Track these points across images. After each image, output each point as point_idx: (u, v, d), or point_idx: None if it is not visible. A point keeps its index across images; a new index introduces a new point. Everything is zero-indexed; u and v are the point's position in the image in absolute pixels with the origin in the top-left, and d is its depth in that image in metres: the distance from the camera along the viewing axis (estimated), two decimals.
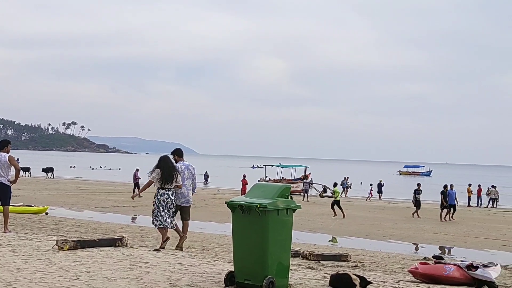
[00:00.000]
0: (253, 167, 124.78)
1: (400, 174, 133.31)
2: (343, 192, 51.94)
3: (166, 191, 12.20)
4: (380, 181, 53.09)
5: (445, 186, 31.57)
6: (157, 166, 12.24)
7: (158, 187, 12.23)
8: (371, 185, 51.89)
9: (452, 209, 30.59)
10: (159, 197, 12.21)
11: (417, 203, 32.14)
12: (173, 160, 12.71)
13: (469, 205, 43.12)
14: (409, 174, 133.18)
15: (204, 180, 69.04)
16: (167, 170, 12.18)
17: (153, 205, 12.36)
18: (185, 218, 13.07)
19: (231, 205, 7.97)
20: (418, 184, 33.50)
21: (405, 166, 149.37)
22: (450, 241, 23.01)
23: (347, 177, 54.41)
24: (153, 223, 12.51)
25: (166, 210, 12.27)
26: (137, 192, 13.67)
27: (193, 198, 13.36)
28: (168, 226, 12.40)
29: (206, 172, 72.40)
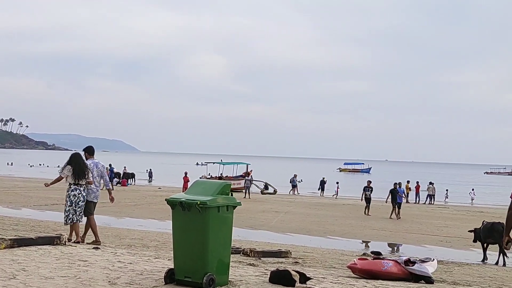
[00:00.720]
0: (197, 164, 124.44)
1: (340, 171, 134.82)
2: (292, 190, 52.31)
3: (78, 187, 12.44)
4: (323, 178, 53.66)
5: (395, 184, 32.02)
6: (68, 163, 12.48)
7: (70, 183, 12.46)
8: (337, 183, 52.34)
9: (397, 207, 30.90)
10: (70, 192, 12.44)
11: (367, 200, 32.32)
12: (84, 158, 12.98)
13: (407, 201, 43.95)
14: (349, 171, 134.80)
15: (148, 178, 68.64)
16: (78, 166, 12.44)
17: (66, 201, 12.57)
18: (90, 213, 13.15)
19: (171, 202, 7.93)
20: (368, 181, 33.64)
21: (345, 163, 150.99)
22: (389, 237, 23.41)
23: (296, 175, 54.68)
24: (65, 220, 12.63)
25: (77, 206, 12.49)
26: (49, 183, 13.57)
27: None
28: (80, 220, 12.71)
29: (150, 169, 71.98)
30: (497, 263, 17.75)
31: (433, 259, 12.60)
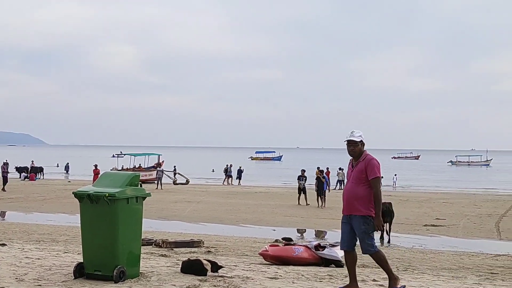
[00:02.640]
0: (113, 156, 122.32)
1: (252, 159, 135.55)
2: (226, 180, 52.31)
3: None
4: (240, 167, 53.88)
5: (321, 172, 32.26)
6: None
7: None
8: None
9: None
10: None
11: (302, 189, 31.22)
12: None
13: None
14: (260, 160, 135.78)
15: (64, 171, 67.30)
16: None
17: None
18: None
19: (79, 195, 7.79)
20: (303, 171, 32.94)
21: (257, 152, 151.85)
22: (300, 223, 23.75)
23: (231, 165, 54.56)
24: None
25: None
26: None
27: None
28: None
29: (68, 163, 70.54)
30: (386, 241, 19.13)
31: None
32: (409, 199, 35.01)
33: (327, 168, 48.54)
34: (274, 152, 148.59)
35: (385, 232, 19.30)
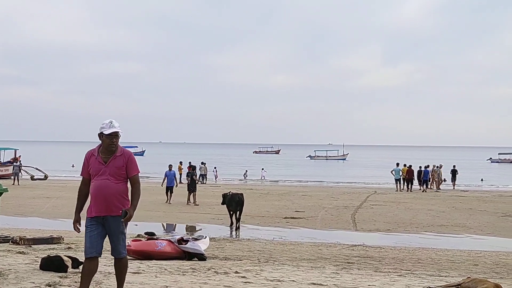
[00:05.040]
0: None
1: None
2: None
3: None
4: None
5: (194, 168, 31.89)
6: None
7: None
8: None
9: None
10: None
11: (190, 187, 29.39)
12: None
13: (181, 182, 44.44)
14: None
15: None
16: None
17: None
18: None
19: None
20: (190, 167, 32.39)
21: None
22: (163, 217, 23.68)
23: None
24: None
25: None
26: None
27: None
28: None
29: None
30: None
31: (206, 237, 13.01)
32: (269, 192, 35.81)
33: (190, 163, 48.77)
34: (136, 147, 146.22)
35: (234, 219, 20.80)
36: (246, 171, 59.27)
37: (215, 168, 52.41)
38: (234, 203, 20.98)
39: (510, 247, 17.37)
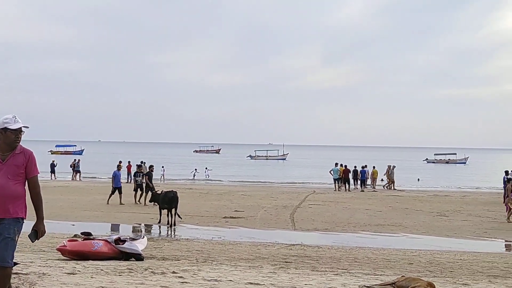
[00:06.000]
0: None
1: (51, 153, 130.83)
2: (75, 175, 50.17)
3: None
4: (53, 161, 51.95)
5: (151, 167, 31.33)
6: None
7: None
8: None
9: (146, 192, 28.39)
10: None
11: (139, 187, 28.94)
12: None
13: (128, 181, 43.86)
14: (61, 154, 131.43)
15: None
16: None
17: None
18: None
19: None
20: (139, 166, 31.33)
21: (57, 146, 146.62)
22: (101, 217, 23.36)
23: (79, 160, 52.09)
24: None
25: None
26: None
27: None
28: None
29: None
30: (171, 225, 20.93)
31: (143, 237, 12.94)
32: (209, 192, 35.77)
33: (129, 162, 48.32)
34: (75, 145, 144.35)
35: (170, 217, 21.01)
36: (196, 169, 58.80)
37: (162, 167, 52.07)
38: (168, 200, 21.33)
39: (444, 246, 17.79)
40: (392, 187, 43.01)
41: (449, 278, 10.71)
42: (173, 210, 21.15)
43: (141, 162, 36.81)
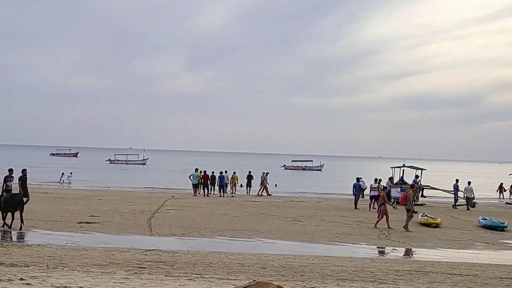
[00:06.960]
0: None
1: None
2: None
3: None
4: None
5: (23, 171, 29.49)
6: None
7: None
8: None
9: None
10: None
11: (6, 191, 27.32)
12: None
13: None
14: None
15: None
16: None
17: None
18: None
19: None
20: (24, 171, 29.16)
21: None
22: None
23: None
24: None
25: None
26: None
27: None
28: None
29: None
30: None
31: None
32: (65, 196, 34.81)
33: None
34: None
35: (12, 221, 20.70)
36: (71, 173, 56.64)
37: (70, 173, 50.33)
38: (12, 203, 20.88)
39: (298, 250, 18.34)
40: (266, 193, 43.49)
41: (300, 281, 11.07)
42: (19, 213, 20.60)
43: None
